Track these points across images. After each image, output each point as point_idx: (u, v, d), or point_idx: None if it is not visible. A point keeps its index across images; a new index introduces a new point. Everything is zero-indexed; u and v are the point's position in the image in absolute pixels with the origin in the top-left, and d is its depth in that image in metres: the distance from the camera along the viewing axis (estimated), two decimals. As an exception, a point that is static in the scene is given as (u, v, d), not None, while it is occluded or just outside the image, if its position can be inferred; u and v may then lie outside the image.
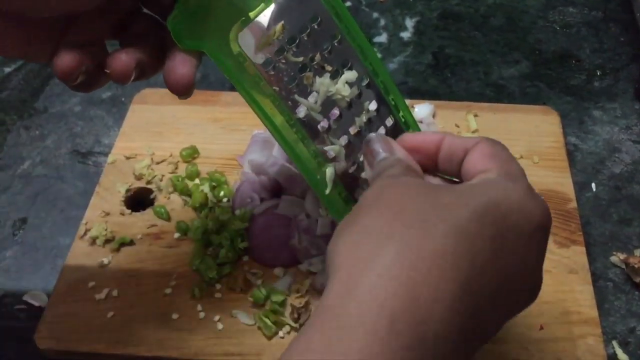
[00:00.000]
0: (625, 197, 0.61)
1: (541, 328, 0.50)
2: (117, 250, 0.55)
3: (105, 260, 0.54)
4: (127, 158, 0.62)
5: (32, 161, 0.66)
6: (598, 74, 0.72)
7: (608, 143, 0.65)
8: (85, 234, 0.56)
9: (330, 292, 0.27)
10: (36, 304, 0.55)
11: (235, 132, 0.63)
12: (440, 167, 0.38)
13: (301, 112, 0.41)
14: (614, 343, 0.51)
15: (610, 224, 0.59)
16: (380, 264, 0.27)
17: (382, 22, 0.79)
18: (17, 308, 0.55)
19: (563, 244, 0.55)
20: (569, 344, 0.49)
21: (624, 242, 0.57)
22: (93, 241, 0.55)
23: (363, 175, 0.43)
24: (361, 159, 0.43)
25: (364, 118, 0.43)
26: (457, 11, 0.80)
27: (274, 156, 0.57)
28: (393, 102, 0.44)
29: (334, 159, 0.42)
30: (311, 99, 0.41)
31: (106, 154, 0.64)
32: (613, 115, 0.68)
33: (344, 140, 0.43)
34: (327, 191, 0.42)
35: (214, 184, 0.58)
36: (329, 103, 0.42)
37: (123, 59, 0.36)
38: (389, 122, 0.45)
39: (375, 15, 0.80)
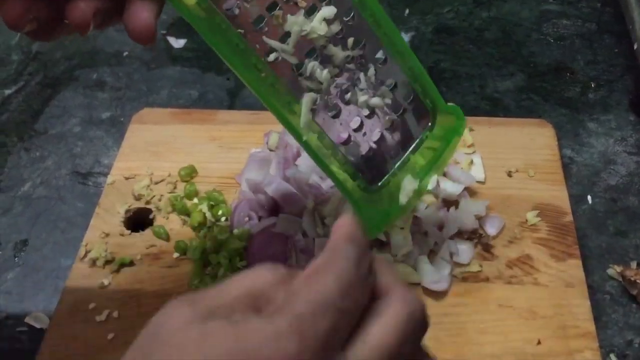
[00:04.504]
0: (621, 209, 0.61)
1: (539, 343, 0.50)
2: (117, 271, 0.55)
3: (106, 282, 0.55)
4: (126, 178, 0.62)
5: (33, 183, 0.66)
6: (592, 85, 0.73)
7: (603, 155, 0.66)
8: (85, 255, 0.56)
9: None
10: (38, 325, 0.55)
11: (233, 151, 0.64)
12: None
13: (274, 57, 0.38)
14: (612, 356, 0.51)
15: (606, 236, 0.59)
16: None
17: (378, 37, 0.80)
18: (19, 330, 0.55)
19: (560, 257, 0.55)
20: (567, 359, 0.49)
21: (620, 254, 0.58)
22: (93, 262, 0.56)
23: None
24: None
25: (343, 54, 0.40)
26: (451, 25, 0.81)
27: (271, 174, 0.58)
28: (385, 35, 0.41)
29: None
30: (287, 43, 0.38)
31: (106, 174, 0.65)
32: (608, 127, 0.68)
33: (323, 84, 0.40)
34: (303, 122, 0.40)
35: (212, 203, 0.59)
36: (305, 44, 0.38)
37: (81, 7, 0.35)
38: (380, 55, 0.41)
39: (371, 30, 0.81)
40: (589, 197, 0.62)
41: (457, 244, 0.55)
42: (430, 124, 0.47)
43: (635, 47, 0.70)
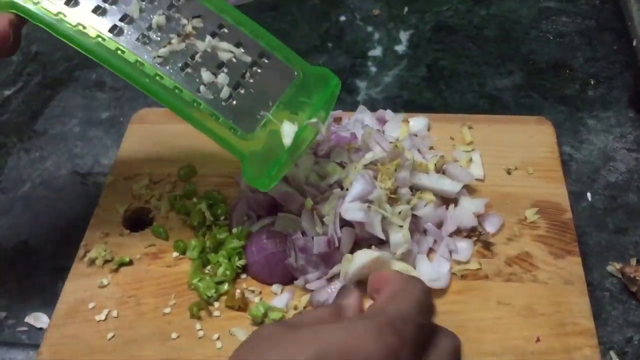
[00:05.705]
0: (620, 206, 0.61)
1: (538, 340, 0.50)
2: (117, 270, 0.55)
3: (105, 281, 0.55)
4: (126, 178, 0.62)
5: (33, 183, 0.66)
6: (592, 82, 0.73)
7: (603, 152, 0.66)
8: (84, 255, 0.56)
9: None
10: (38, 325, 0.55)
11: (232, 150, 0.64)
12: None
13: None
14: (612, 353, 0.51)
15: (606, 234, 0.59)
16: None
17: (377, 35, 0.80)
18: (19, 330, 0.55)
19: (558, 255, 0.55)
20: (566, 356, 0.49)
21: (620, 251, 0.58)
22: (92, 262, 0.56)
23: None
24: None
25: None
26: (450, 23, 0.81)
27: (270, 174, 0.57)
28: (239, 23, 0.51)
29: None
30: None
31: (105, 174, 0.65)
32: (607, 124, 0.68)
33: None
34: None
35: (211, 202, 0.59)
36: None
37: None
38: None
39: (370, 29, 0.81)
40: (588, 194, 0.62)
41: (456, 242, 0.55)
42: (294, 79, 0.53)
43: (634, 43, 0.70)
